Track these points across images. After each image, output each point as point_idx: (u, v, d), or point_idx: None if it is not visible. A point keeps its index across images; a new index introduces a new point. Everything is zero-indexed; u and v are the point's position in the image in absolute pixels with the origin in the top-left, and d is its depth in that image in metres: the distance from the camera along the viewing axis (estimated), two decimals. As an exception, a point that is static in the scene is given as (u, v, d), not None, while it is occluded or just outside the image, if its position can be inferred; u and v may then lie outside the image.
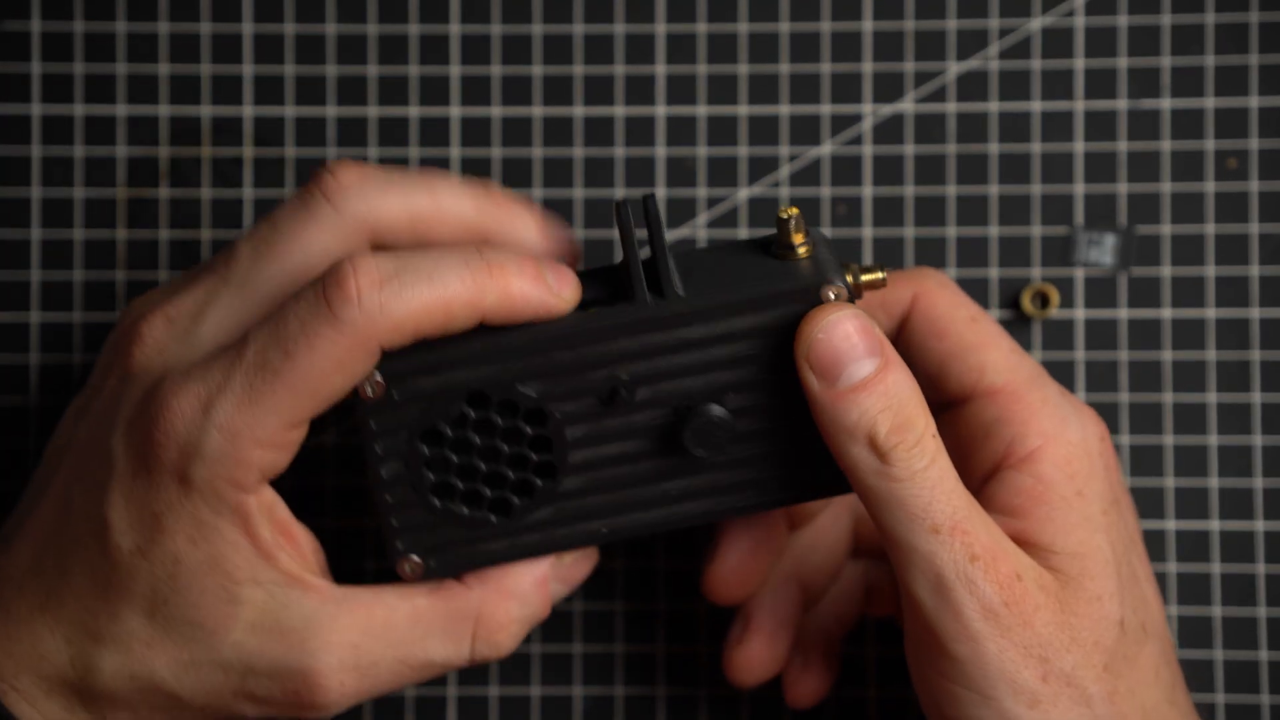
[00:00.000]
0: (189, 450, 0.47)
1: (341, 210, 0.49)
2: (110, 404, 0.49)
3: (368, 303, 0.46)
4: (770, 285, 0.49)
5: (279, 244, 0.49)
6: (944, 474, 0.48)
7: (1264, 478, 0.60)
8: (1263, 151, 0.60)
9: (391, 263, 0.47)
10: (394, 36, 0.61)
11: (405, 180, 0.50)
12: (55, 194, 0.61)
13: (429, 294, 0.47)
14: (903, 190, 0.61)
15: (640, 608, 0.60)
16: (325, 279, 0.46)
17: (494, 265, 0.47)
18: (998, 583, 0.48)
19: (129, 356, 0.49)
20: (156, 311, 0.49)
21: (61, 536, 0.49)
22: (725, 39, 0.61)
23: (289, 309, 0.47)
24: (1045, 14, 0.61)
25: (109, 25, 0.61)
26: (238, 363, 0.47)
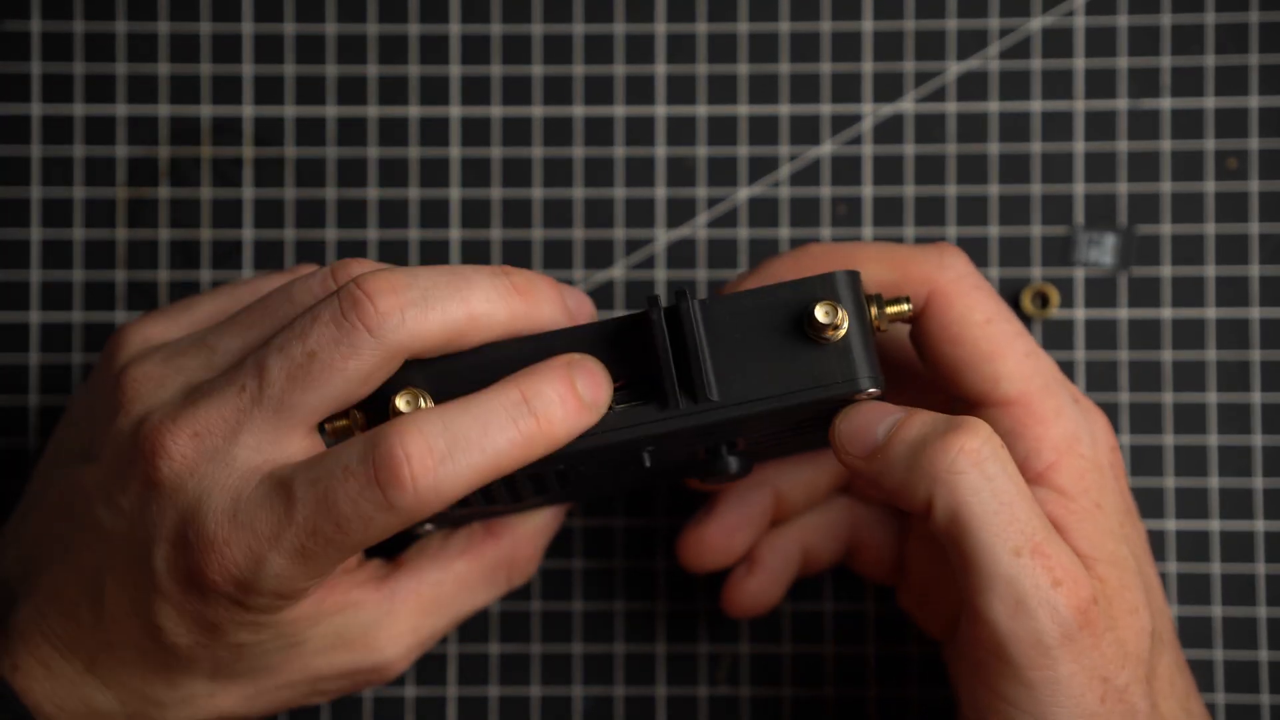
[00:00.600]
0: (244, 587, 0.47)
1: (384, 341, 0.47)
2: (141, 514, 0.49)
3: (423, 487, 0.46)
4: (805, 390, 0.49)
5: (318, 374, 0.47)
6: (1019, 487, 0.48)
7: (1264, 478, 0.60)
8: (1263, 151, 0.60)
9: (442, 438, 0.46)
10: (394, 36, 0.61)
11: (438, 294, 0.48)
12: (55, 194, 0.61)
13: (481, 463, 0.47)
14: (903, 190, 0.61)
15: (640, 607, 0.60)
16: (376, 454, 0.46)
17: (541, 414, 0.47)
18: (1078, 608, 0.47)
19: (155, 469, 0.48)
20: (182, 422, 0.48)
21: (100, 618, 0.49)
22: (725, 39, 0.61)
23: (338, 482, 0.46)
24: (1045, 14, 0.61)
25: (109, 25, 0.61)
26: (288, 524, 0.47)
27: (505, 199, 0.61)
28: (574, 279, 0.61)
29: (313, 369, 0.47)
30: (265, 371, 0.47)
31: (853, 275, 0.49)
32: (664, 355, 0.48)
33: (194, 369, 0.49)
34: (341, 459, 0.46)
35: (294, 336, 0.47)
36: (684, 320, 0.48)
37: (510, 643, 0.60)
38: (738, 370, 0.48)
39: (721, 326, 0.49)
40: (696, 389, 0.48)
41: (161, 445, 0.48)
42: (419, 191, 0.61)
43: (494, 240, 0.61)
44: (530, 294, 0.49)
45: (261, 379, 0.47)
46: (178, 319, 0.52)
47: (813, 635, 0.60)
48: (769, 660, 0.60)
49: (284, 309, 0.49)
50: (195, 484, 0.48)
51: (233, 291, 0.53)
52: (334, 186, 0.61)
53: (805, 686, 0.60)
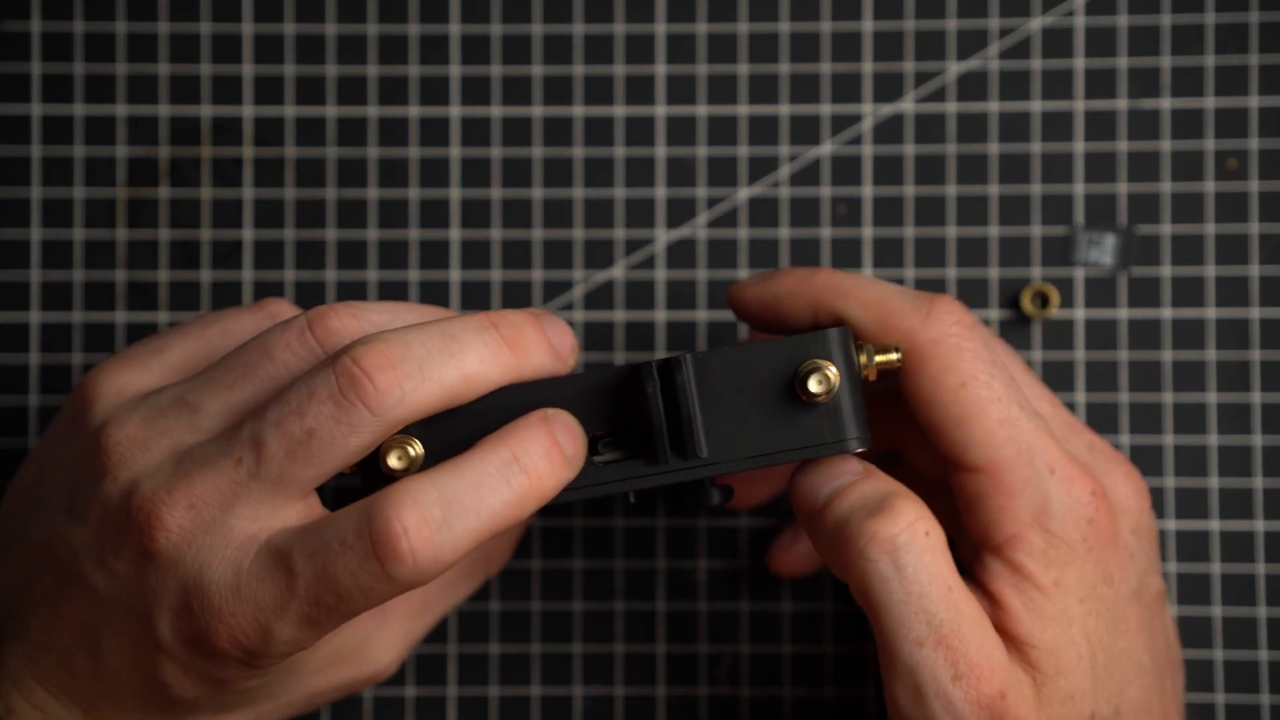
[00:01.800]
0: (253, 652, 0.48)
1: (385, 418, 0.47)
2: (138, 581, 0.48)
3: (423, 558, 0.46)
4: (793, 450, 0.49)
5: (319, 451, 0.47)
6: (933, 578, 0.48)
7: (1264, 478, 0.60)
8: (1263, 151, 0.60)
9: (437, 505, 0.46)
10: (394, 36, 0.61)
11: (433, 362, 0.48)
12: (55, 194, 0.61)
13: (478, 526, 0.47)
14: (903, 190, 0.61)
15: (640, 607, 0.60)
16: (372, 528, 0.46)
17: (531, 471, 0.47)
18: (979, 702, 0.48)
19: (151, 540, 0.48)
20: (177, 494, 0.48)
21: (99, 671, 0.50)
22: (725, 39, 0.61)
23: (336, 556, 0.46)
24: (1045, 14, 0.61)
25: (109, 25, 0.61)
26: (290, 596, 0.47)
27: (505, 199, 0.61)
28: (574, 279, 0.61)
29: (313, 447, 0.47)
30: (263, 447, 0.47)
31: (844, 333, 0.49)
32: (657, 418, 0.48)
33: (178, 431, 0.49)
34: (338, 531, 0.46)
35: (291, 413, 0.47)
36: (680, 390, 0.48)
37: (510, 643, 0.60)
38: (727, 427, 0.49)
39: (713, 382, 0.49)
40: (687, 449, 0.49)
41: (157, 517, 0.48)
42: (419, 191, 0.61)
43: (494, 240, 0.61)
44: (519, 345, 0.49)
45: (259, 454, 0.47)
46: (149, 365, 0.52)
47: (813, 635, 0.60)
48: (769, 660, 0.60)
49: (264, 367, 0.49)
50: (194, 556, 0.48)
51: (201, 332, 0.53)
52: (334, 186, 0.61)
53: (805, 686, 0.60)
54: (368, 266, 0.61)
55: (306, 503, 0.48)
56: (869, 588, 0.48)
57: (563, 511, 0.60)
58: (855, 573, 0.48)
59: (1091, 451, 0.53)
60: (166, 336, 0.53)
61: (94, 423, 0.50)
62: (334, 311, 0.49)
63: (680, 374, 0.48)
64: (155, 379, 0.51)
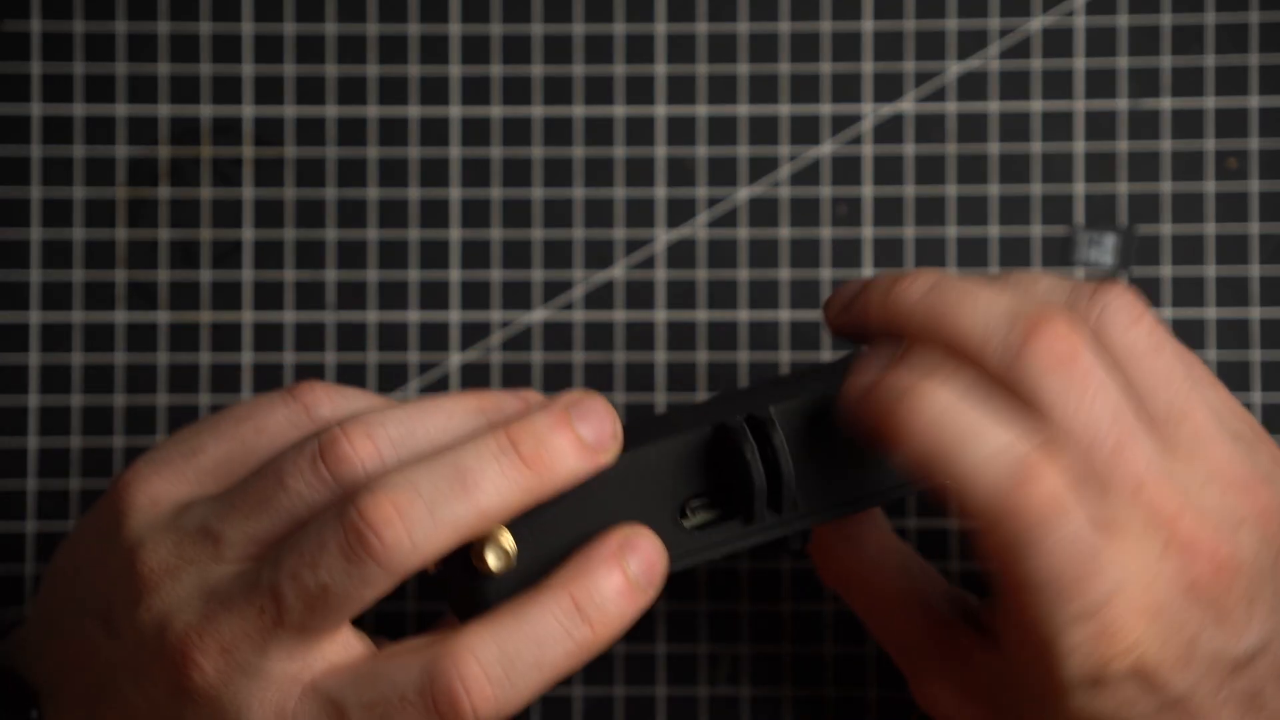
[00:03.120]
0: None
1: (394, 570, 0.46)
2: (174, 711, 0.48)
3: (484, 716, 0.46)
4: (881, 494, 0.50)
5: (334, 604, 0.47)
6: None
7: (1264, 477, 0.60)
8: (1263, 151, 0.60)
9: (499, 664, 0.46)
10: (394, 36, 0.61)
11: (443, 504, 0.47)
12: (55, 194, 0.61)
13: (538, 681, 0.47)
14: (903, 190, 0.61)
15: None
16: (434, 688, 0.46)
17: (595, 620, 0.47)
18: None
19: (186, 679, 0.48)
20: (208, 637, 0.48)
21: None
22: (725, 39, 0.61)
23: (395, 711, 0.46)
24: (1045, 14, 0.61)
25: (109, 25, 0.61)
26: None
27: (505, 199, 0.61)
28: (574, 279, 0.61)
29: (329, 600, 0.47)
30: (282, 599, 0.47)
31: None
32: (760, 487, 0.48)
33: (204, 561, 0.49)
34: (397, 686, 0.46)
35: (305, 565, 0.47)
36: (776, 450, 0.48)
37: (510, 643, 0.60)
38: (816, 478, 0.49)
39: (800, 435, 0.49)
40: (784, 505, 0.49)
41: (190, 658, 0.48)
42: (419, 191, 0.61)
43: (494, 240, 0.61)
44: (542, 462, 0.47)
45: (279, 605, 0.47)
46: (183, 471, 0.51)
47: (813, 635, 0.60)
48: (769, 660, 0.60)
49: (279, 498, 0.48)
50: (231, 697, 0.47)
51: (235, 431, 0.52)
52: (334, 186, 0.61)
53: (805, 686, 0.60)
54: (368, 266, 0.61)
55: (343, 636, 0.48)
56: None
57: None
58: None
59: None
60: (200, 435, 0.52)
61: (129, 540, 0.50)
62: (345, 436, 0.48)
63: (775, 433, 0.48)
64: (189, 486, 0.51)
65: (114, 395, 0.61)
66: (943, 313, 0.47)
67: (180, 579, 0.49)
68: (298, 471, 0.48)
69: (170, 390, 0.61)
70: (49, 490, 0.60)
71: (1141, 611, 0.46)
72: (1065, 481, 0.45)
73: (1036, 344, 0.46)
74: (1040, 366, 0.46)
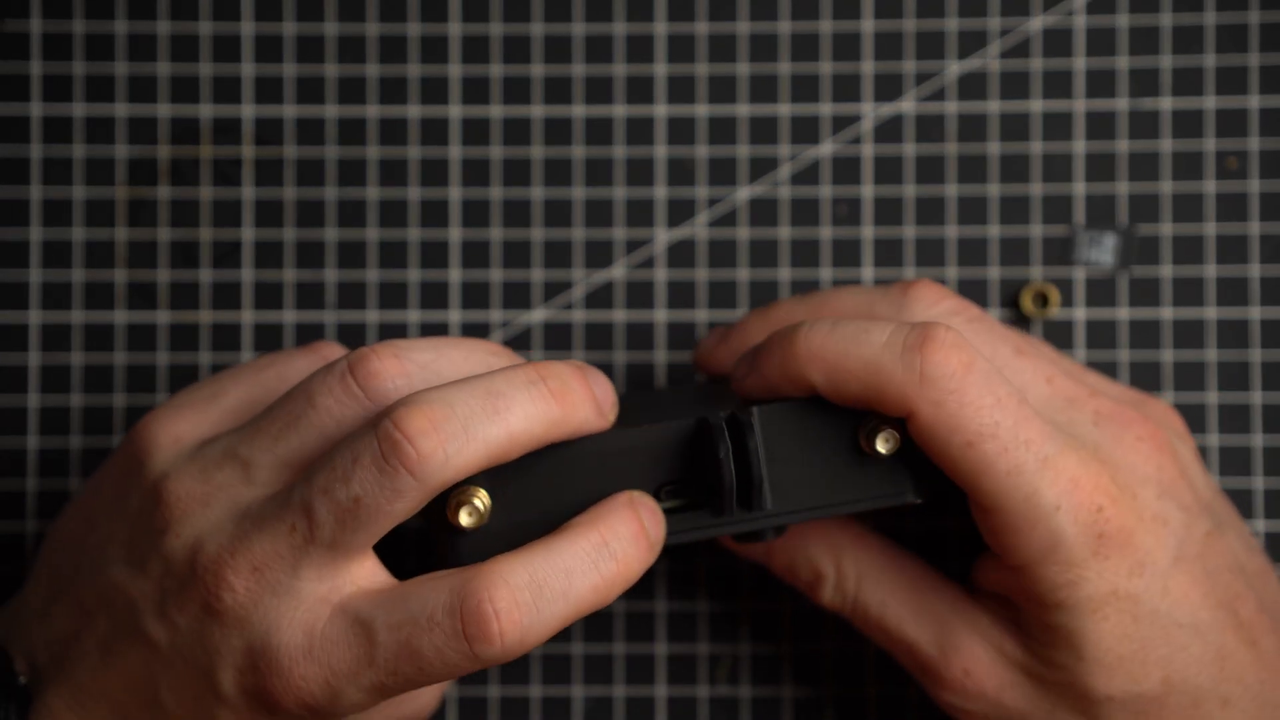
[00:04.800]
0: (316, 710, 0.48)
1: (428, 482, 0.47)
2: (200, 636, 0.49)
3: (510, 641, 0.47)
4: (854, 503, 0.50)
5: (366, 518, 0.47)
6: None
7: (1264, 477, 0.60)
8: (1263, 151, 0.60)
9: (528, 590, 0.47)
10: (394, 37, 0.61)
11: (477, 421, 0.48)
12: (55, 194, 0.61)
13: (565, 611, 0.47)
14: (903, 190, 0.61)
15: (640, 607, 0.60)
16: (464, 608, 0.47)
17: (620, 557, 0.48)
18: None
19: (217, 599, 0.48)
20: (240, 558, 0.48)
21: (156, 716, 0.50)
22: (725, 39, 0.61)
23: (423, 631, 0.47)
24: (1045, 14, 0.61)
25: (109, 25, 0.61)
26: (368, 664, 0.47)
27: (505, 199, 0.61)
28: (574, 279, 0.61)
29: (360, 514, 0.47)
30: (314, 514, 0.47)
31: None
32: (729, 484, 0.49)
33: (234, 486, 0.49)
34: (427, 607, 0.47)
35: (337, 480, 0.47)
36: (750, 451, 0.49)
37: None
38: (789, 480, 0.50)
39: (777, 437, 0.50)
40: (753, 501, 0.49)
41: (222, 578, 0.48)
42: (419, 191, 0.61)
43: (494, 240, 0.61)
44: (565, 399, 0.49)
45: (311, 521, 0.47)
46: (205, 411, 0.52)
47: (813, 635, 0.60)
48: (769, 660, 0.60)
49: (309, 416, 0.49)
50: (260, 616, 0.48)
51: (256, 377, 0.53)
52: (334, 186, 0.61)
53: (805, 686, 0.60)
54: (367, 266, 0.61)
55: (369, 562, 0.48)
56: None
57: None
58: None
59: (1098, 423, 0.53)
60: (221, 381, 0.53)
61: (152, 475, 0.50)
62: (375, 353, 0.49)
63: (751, 436, 0.49)
64: (210, 426, 0.52)
65: (114, 395, 0.61)
66: (839, 348, 0.50)
67: (211, 505, 0.49)
68: (327, 389, 0.49)
69: (170, 390, 0.61)
70: (49, 491, 0.60)
71: (1081, 458, 0.50)
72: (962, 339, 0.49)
73: (931, 354, 0.49)
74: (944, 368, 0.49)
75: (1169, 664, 0.51)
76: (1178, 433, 0.55)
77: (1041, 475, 0.50)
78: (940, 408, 0.49)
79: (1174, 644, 0.51)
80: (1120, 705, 0.52)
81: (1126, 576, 0.51)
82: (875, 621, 0.54)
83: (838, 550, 0.55)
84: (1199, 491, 0.54)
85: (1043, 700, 0.52)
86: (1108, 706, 0.52)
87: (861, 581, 0.55)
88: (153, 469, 0.50)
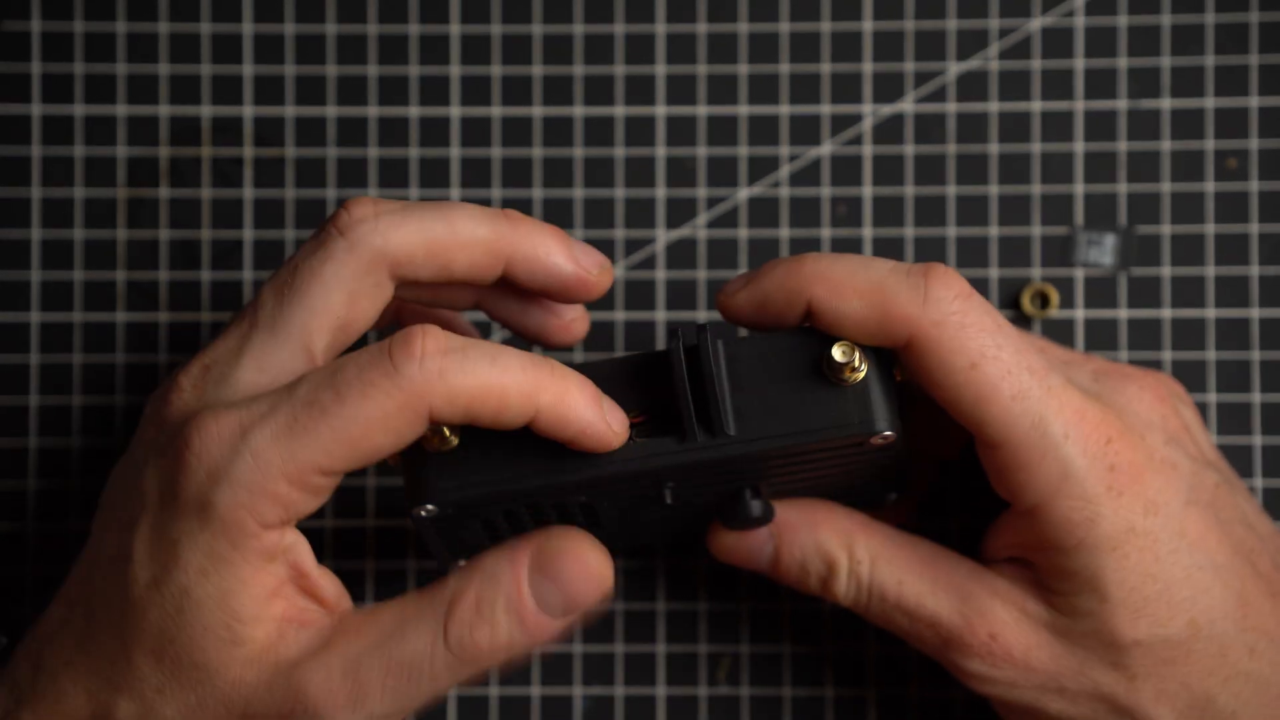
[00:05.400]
0: (216, 474, 0.46)
1: (355, 244, 0.48)
2: (146, 448, 0.49)
3: (429, 365, 0.46)
4: (819, 433, 0.49)
5: (299, 285, 0.49)
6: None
7: (1264, 477, 0.60)
8: (1263, 151, 0.60)
9: (461, 339, 0.47)
10: (394, 36, 0.61)
11: (420, 210, 0.49)
12: (55, 194, 0.61)
13: (489, 373, 0.46)
14: (903, 190, 0.61)
15: (640, 607, 0.60)
16: (394, 337, 0.47)
17: (557, 370, 0.48)
18: None
19: (167, 404, 0.49)
20: (194, 361, 0.49)
21: (90, 584, 0.49)
22: (725, 39, 0.61)
23: (350, 358, 0.47)
24: (1045, 14, 0.61)
25: (109, 25, 0.61)
26: (285, 398, 0.47)
27: (505, 199, 0.61)
28: (574, 279, 0.61)
29: (296, 282, 0.49)
30: (258, 299, 0.49)
31: None
32: (682, 389, 0.48)
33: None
34: (357, 357, 0.47)
35: (283, 265, 0.50)
36: (703, 357, 0.48)
37: (510, 643, 0.60)
38: (756, 408, 0.49)
39: (741, 365, 0.49)
40: (714, 424, 0.49)
41: (175, 382, 0.49)
42: (419, 191, 0.61)
43: (494, 240, 0.61)
44: (520, 224, 0.50)
45: (255, 306, 0.49)
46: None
47: (813, 635, 0.60)
48: (769, 660, 0.60)
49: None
50: (199, 404, 0.48)
51: None
52: (334, 186, 0.61)
53: (805, 686, 0.60)
54: (368, 266, 0.61)
55: (306, 356, 0.49)
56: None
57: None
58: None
59: (1098, 379, 0.53)
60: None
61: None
62: (344, 205, 0.50)
63: (706, 351, 0.48)
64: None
65: (114, 395, 0.61)
66: (847, 270, 0.50)
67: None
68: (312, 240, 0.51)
69: (170, 390, 0.61)
70: (49, 490, 0.60)
71: (1084, 396, 0.51)
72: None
73: (936, 280, 0.50)
74: (949, 295, 0.50)
75: (1194, 605, 0.51)
76: (1179, 395, 0.55)
77: (1047, 402, 0.50)
78: (942, 328, 0.49)
79: (1196, 586, 0.51)
80: (1147, 650, 0.51)
81: (1142, 514, 0.51)
82: (893, 601, 0.53)
83: (847, 535, 0.54)
84: (1204, 449, 0.54)
85: (1070, 658, 0.52)
86: (1135, 652, 0.51)
87: (875, 563, 0.53)
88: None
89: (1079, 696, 0.52)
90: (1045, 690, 0.52)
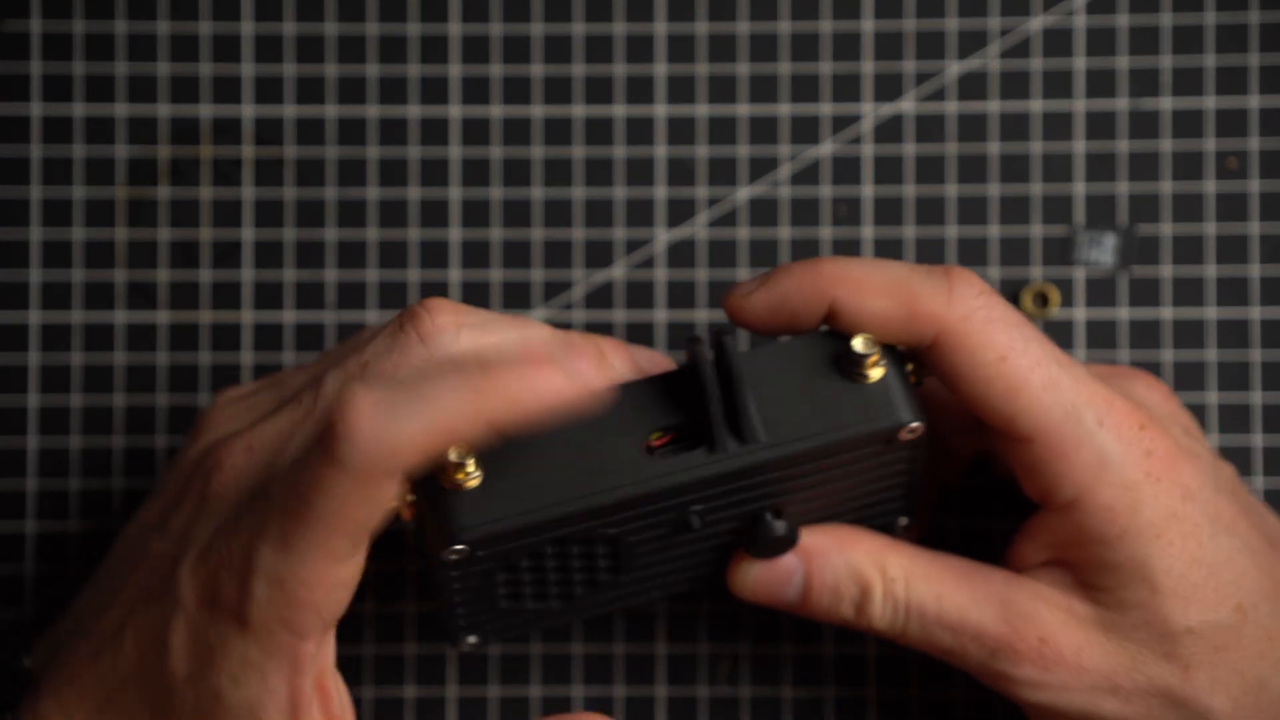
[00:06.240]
0: (245, 592, 0.46)
1: (434, 350, 0.47)
2: (185, 528, 0.49)
3: (363, 440, 0.44)
4: (850, 429, 0.49)
5: (368, 378, 0.47)
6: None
7: (1264, 477, 0.60)
8: (1263, 151, 0.60)
9: (389, 391, 0.45)
10: (394, 37, 0.61)
11: (498, 323, 0.48)
12: (55, 194, 0.61)
13: (426, 418, 0.44)
14: (903, 190, 0.61)
15: (640, 608, 0.60)
16: (332, 411, 0.45)
17: (493, 373, 0.45)
18: None
19: (208, 483, 0.48)
20: (239, 439, 0.48)
21: (122, 649, 0.49)
22: (725, 39, 0.61)
23: (303, 452, 0.46)
24: (1045, 14, 0.61)
25: (109, 25, 0.61)
26: (270, 508, 0.46)
27: (505, 199, 0.61)
28: (574, 279, 0.61)
29: (365, 376, 0.47)
30: (321, 385, 0.47)
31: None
32: (712, 395, 0.48)
33: (266, 403, 0.50)
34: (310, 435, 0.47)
35: (350, 351, 0.48)
36: (729, 363, 0.48)
37: (510, 643, 0.60)
38: (781, 411, 0.49)
39: (761, 371, 0.49)
40: (744, 430, 0.48)
41: (218, 461, 0.48)
42: (419, 191, 0.61)
43: (494, 240, 0.61)
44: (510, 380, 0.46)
45: (317, 391, 0.47)
46: (262, 385, 0.53)
47: (813, 635, 0.60)
48: (769, 660, 0.60)
49: (349, 345, 0.50)
50: (238, 494, 0.48)
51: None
52: (334, 186, 0.61)
53: (805, 686, 0.60)
54: (367, 266, 0.61)
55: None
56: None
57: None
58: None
59: (1102, 379, 0.53)
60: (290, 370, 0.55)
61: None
62: (425, 308, 0.49)
63: (731, 356, 0.48)
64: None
65: (114, 395, 0.61)
66: (867, 271, 0.50)
67: (239, 419, 0.50)
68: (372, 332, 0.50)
69: (170, 390, 0.61)
70: (49, 490, 0.60)
71: (1108, 387, 0.51)
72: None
73: (959, 279, 0.50)
74: (972, 291, 0.50)
75: (1239, 589, 0.51)
76: (1176, 397, 0.56)
77: (1078, 392, 0.50)
78: (969, 323, 0.49)
79: (1238, 570, 0.51)
80: (1199, 637, 0.50)
81: (1181, 500, 0.50)
82: (934, 616, 0.52)
83: (878, 554, 0.52)
84: (1210, 448, 0.55)
85: (1122, 654, 0.51)
86: (1188, 641, 0.50)
87: (911, 580, 0.52)
88: (211, 423, 0.52)
89: (1133, 694, 0.51)
90: (1098, 691, 0.51)
